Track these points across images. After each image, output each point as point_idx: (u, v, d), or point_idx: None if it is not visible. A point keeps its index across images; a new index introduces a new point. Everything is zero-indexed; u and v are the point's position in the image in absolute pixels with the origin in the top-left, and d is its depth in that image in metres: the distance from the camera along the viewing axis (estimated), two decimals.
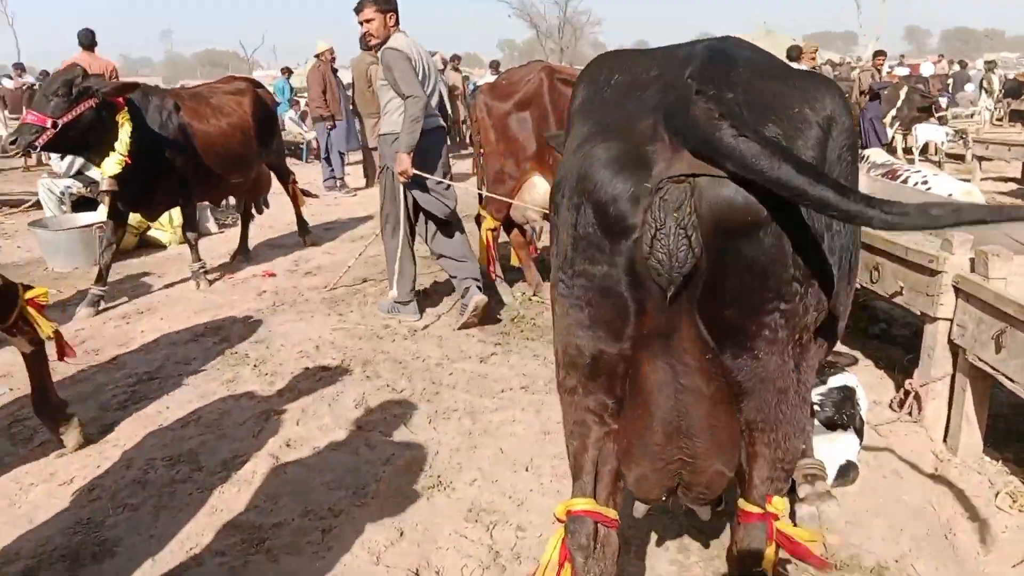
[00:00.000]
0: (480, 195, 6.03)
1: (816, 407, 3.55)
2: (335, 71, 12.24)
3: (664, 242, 1.63)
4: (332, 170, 12.02)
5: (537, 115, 5.60)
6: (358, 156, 13.37)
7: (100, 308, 5.96)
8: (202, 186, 6.69)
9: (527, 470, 3.52)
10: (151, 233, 8.31)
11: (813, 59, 11.93)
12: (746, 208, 1.62)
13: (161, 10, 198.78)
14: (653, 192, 1.64)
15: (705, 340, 1.75)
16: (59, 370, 4.81)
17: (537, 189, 5.74)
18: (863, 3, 38.47)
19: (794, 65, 12.00)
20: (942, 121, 16.35)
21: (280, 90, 19.71)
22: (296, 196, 8.25)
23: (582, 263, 1.79)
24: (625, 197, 1.66)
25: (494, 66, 19.72)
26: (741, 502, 2.03)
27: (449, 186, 5.44)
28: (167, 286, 6.65)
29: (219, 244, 8.44)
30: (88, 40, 9.81)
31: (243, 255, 7.64)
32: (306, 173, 15.80)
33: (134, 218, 7.93)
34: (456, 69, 17.98)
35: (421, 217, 5.47)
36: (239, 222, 8.09)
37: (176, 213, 8.33)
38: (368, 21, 5.22)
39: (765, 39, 47.71)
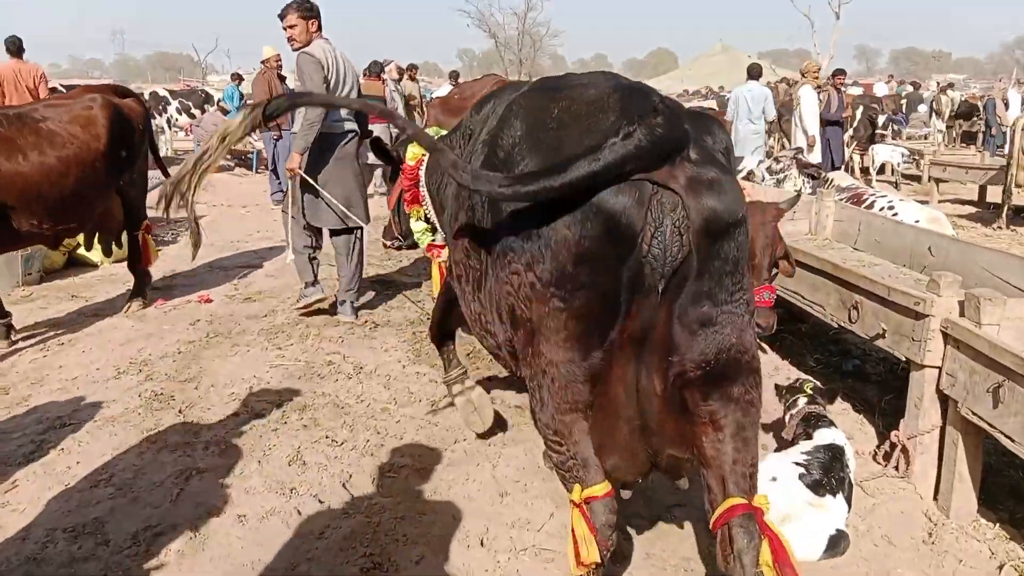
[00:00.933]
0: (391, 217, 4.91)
1: (802, 470, 3.21)
2: (282, 78, 11.66)
3: (660, 239, 1.96)
4: (280, 183, 11.46)
5: None
6: None
7: (13, 339, 5.40)
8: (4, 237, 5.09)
9: (482, 544, 3.10)
10: (80, 252, 7.71)
11: (816, 78, 11.68)
12: (728, 210, 1.99)
13: (113, 10, 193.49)
14: (651, 198, 1.95)
15: (672, 340, 2.04)
16: None
17: None
18: (816, 22, 38.88)
19: (755, 82, 11.96)
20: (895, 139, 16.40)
21: (229, 96, 19.03)
22: (145, 247, 6.30)
23: (587, 274, 1.98)
24: (631, 205, 1.93)
25: (453, 76, 19.29)
26: (727, 502, 2.11)
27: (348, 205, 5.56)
28: (94, 313, 6.09)
29: (155, 264, 7.87)
30: (15, 47, 9.33)
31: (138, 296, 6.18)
32: (256, 185, 15.30)
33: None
34: (412, 79, 17.49)
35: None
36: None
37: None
38: (291, 27, 5.43)
39: (723, 55, 48.41)
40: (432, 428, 4.07)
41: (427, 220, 4.12)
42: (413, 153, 3.92)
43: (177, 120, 19.26)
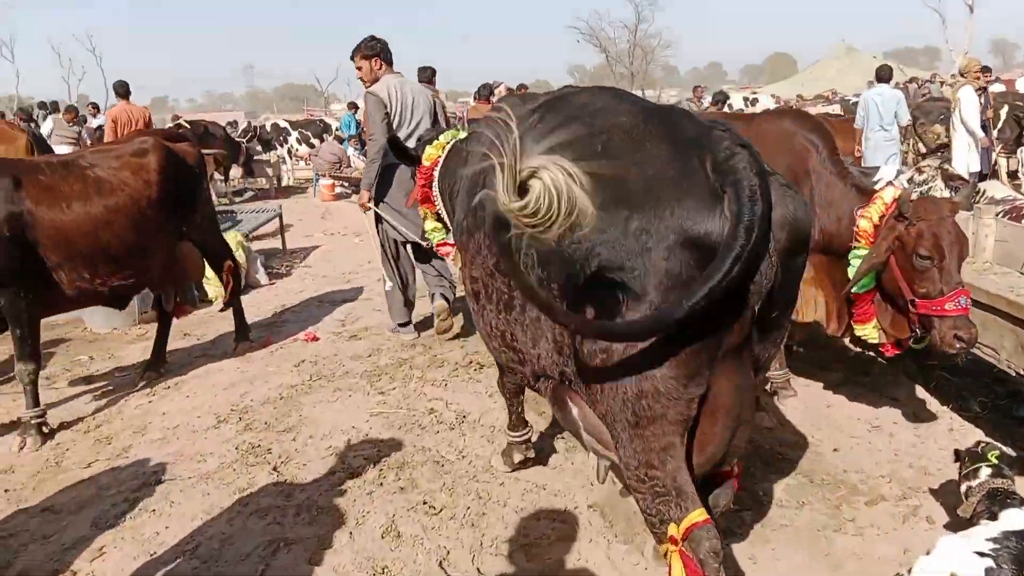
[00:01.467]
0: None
1: (990, 562, 2.60)
2: None
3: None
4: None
5: None
6: None
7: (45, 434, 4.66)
8: (52, 297, 4.63)
9: None
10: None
11: (977, 78, 10.73)
12: (806, 230, 2.14)
13: (244, 45, 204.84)
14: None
15: (754, 343, 2.20)
16: (73, 459, 4.23)
17: None
18: (948, 16, 36.48)
19: (885, 86, 11.05)
20: None
21: (346, 125, 19.44)
22: (229, 284, 5.92)
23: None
24: (718, 231, 1.95)
25: None
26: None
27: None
28: (203, 353, 6.03)
29: (267, 297, 7.85)
30: (123, 90, 9.87)
31: (152, 369, 5.55)
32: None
33: None
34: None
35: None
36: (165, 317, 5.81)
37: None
38: (359, 68, 5.75)
39: (846, 57, 46.09)
40: (539, 493, 3.66)
41: (439, 219, 4.15)
42: (429, 154, 3.95)
43: (297, 150, 19.77)
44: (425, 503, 3.58)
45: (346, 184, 17.56)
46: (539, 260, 2.17)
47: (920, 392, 4.79)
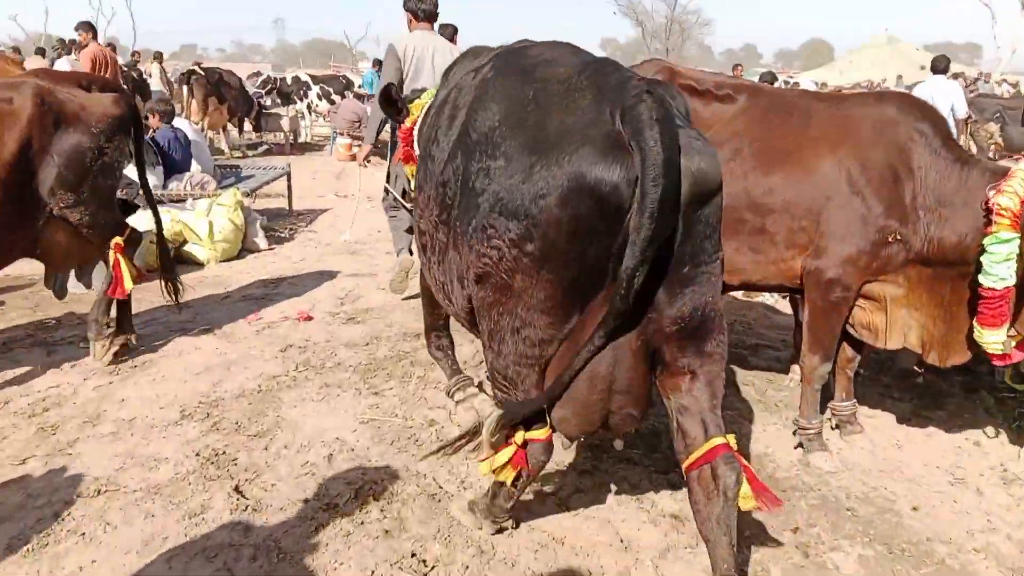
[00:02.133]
0: None
1: None
2: None
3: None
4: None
5: None
6: None
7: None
8: None
9: None
10: (188, 249, 7.05)
11: None
12: (715, 178, 2.09)
13: None
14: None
15: (653, 299, 2.12)
16: (7, 451, 3.56)
17: None
18: (997, 11, 34.95)
19: (941, 77, 10.15)
20: None
21: (368, 83, 18.59)
22: (117, 272, 4.51)
23: (578, 249, 2.05)
24: (624, 182, 1.98)
25: None
26: (709, 442, 2.22)
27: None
28: (181, 328, 5.29)
29: (264, 264, 7.13)
30: (93, 30, 9.56)
31: (115, 336, 4.68)
32: None
33: (169, 230, 6.77)
34: None
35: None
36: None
37: (219, 221, 7.12)
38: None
39: (887, 47, 44.61)
40: (556, 550, 2.91)
41: None
42: (412, 113, 3.74)
43: (317, 106, 18.94)
44: (414, 555, 2.84)
45: (358, 143, 16.78)
46: (455, 198, 2.40)
47: (1005, 437, 4.03)
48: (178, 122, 8.51)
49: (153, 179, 7.61)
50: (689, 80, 3.94)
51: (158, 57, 18.75)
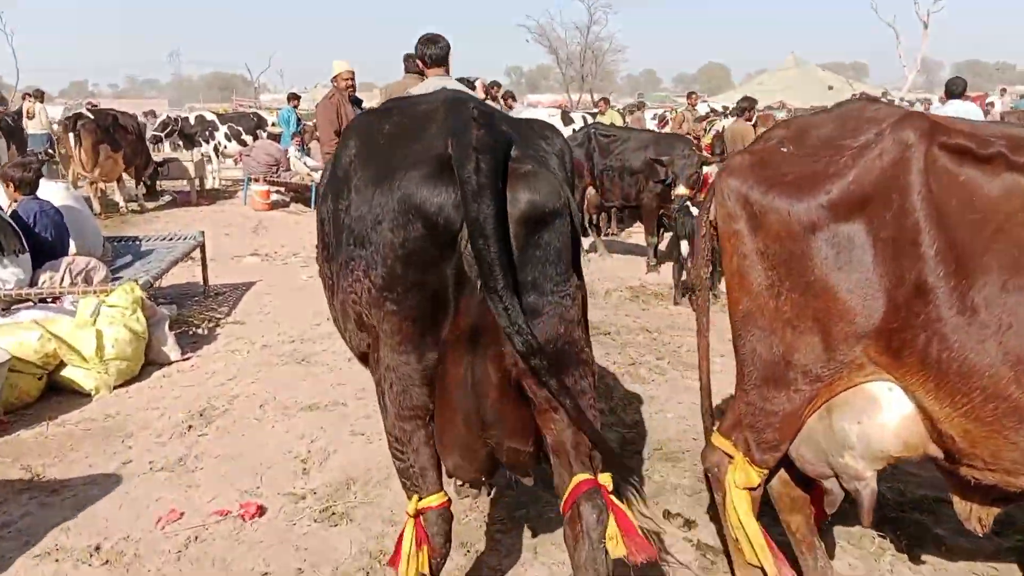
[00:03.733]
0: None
1: None
2: (356, 101, 8.72)
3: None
4: None
5: (893, 232, 2.22)
6: None
7: None
8: None
9: None
10: (65, 373, 4.90)
11: None
12: (542, 204, 2.04)
13: (170, 31, 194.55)
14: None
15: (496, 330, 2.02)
16: None
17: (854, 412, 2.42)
18: (900, 30, 35.27)
19: (958, 101, 8.90)
20: None
21: (285, 120, 16.37)
22: None
23: (414, 275, 2.03)
24: (450, 204, 1.96)
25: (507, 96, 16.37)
26: (573, 480, 2.14)
27: None
28: (40, 547, 3.19)
29: (179, 390, 5.01)
30: None
31: None
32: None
33: (37, 350, 4.65)
34: (494, 98, 14.63)
35: None
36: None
37: (111, 330, 5.02)
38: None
39: (795, 69, 44.93)
40: None
41: None
42: None
43: (226, 148, 16.59)
44: None
45: (284, 191, 14.58)
46: (329, 236, 2.38)
47: None
48: (47, 189, 6.26)
49: (16, 273, 5.41)
50: (962, 140, 2.18)
51: (39, 96, 16.10)
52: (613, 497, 2.15)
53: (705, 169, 7.63)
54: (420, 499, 2.24)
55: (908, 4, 32.31)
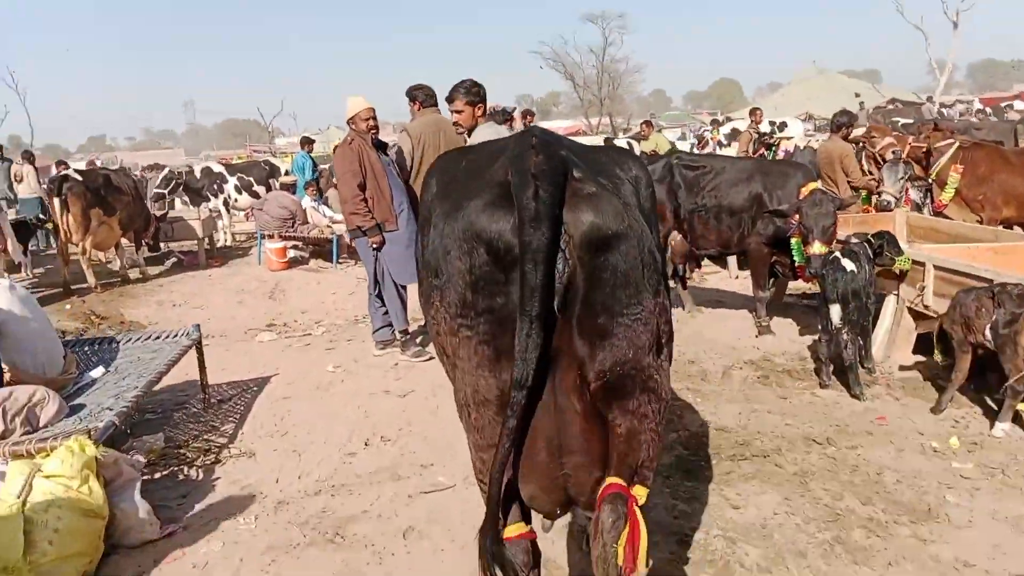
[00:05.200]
0: None
1: None
2: (380, 145, 6.88)
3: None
4: (386, 313, 6.75)
5: None
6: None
7: None
8: None
9: None
10: None
11: None
12: (605, 228, 1.99)
13: (184, 81, 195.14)
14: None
15: (577, 354, 2.02)
16: None
17: None
18: (929, 34, 33.36)
19: None
20: None
21: (300, 168, 14.72)
22: None
23: (484, 300, 2.02)
24: (508, 230, 1.95)
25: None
26: (607, 480, 2.12)
27: None
28: None
29: None
30: None
31: None
32: (341, 283, 10.77)
33: None
34: (527, 126, 12.95)
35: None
36: None
37: (44, 518, 3.25)
38: (458, 112, 5.69)
39: (819, 78, 43.06)
40: None
41: None
42: None
43: (236, 200, 14.95)
44: None
45: (302, 246, 12.88)
46: (422, 268, 2.44)
47: None
48: None
49: None
50: None
51: (28, 157, 14.54)
52: (637, 509, 2.13)
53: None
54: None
55: (934, 5, 30.47)
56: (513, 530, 2.15)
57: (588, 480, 2.16)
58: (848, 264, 5.07)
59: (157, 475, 4.53)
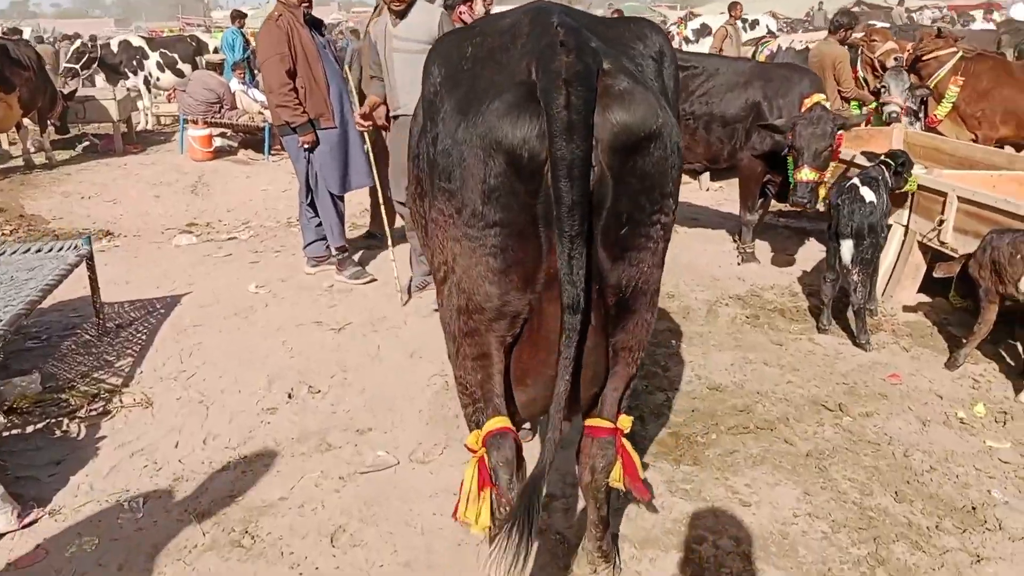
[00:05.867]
0: None
1: None
2: (315, 23, 5.69)
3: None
4: (319, 225, 5.76)
5: None
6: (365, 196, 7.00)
7: None
8: None
9: None
10: None
11: None
12: (639, 127, 1.80)
13: None
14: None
15: (598, 268, 1.88)
16: None
17: None
18: None
19: None
20: None
21: (229, 45, 13.14)
22: None
23: (498, 212, 1.84)
24: (533, 137, 1.76)
25: None
26: (593, 420, 2.15)
27: None
28: None
29: None
30: None
31: None
32: (273, 178, 9.64)
33: None
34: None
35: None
36: None
37: None
38: None
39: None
40: None
41: None
42: None
43: (159, 79, 13.35)
44: None
45: (230, 134, 11.54)
46: (425, 164, 2.15)
47: None
48: None
49: None
50: None
51: None
52: (626, 441, 2.14)
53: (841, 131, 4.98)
54: (482, 426, 2.08)
55: None
56: (498, 422, 2.07)
57: (587, 395, 2.12)
58: (868, 194, 4.28)
59: (29, 429, 3.65)
